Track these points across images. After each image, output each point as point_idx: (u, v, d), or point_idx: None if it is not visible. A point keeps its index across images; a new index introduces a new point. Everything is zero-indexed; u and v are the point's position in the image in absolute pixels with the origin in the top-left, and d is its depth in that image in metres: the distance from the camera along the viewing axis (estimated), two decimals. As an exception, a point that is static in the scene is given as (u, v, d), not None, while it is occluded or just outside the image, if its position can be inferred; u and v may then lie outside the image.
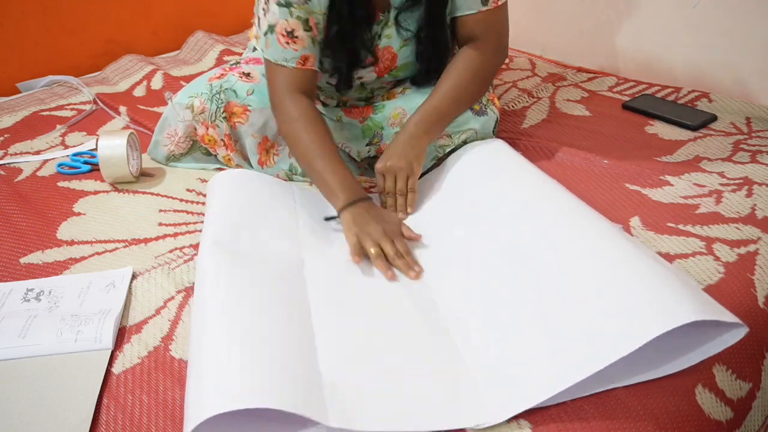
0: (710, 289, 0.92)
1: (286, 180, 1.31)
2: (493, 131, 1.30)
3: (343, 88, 1.28)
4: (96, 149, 1.29)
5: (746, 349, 0.85)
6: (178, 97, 1.33)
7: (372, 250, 1.01)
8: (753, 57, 1.49)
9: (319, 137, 1.16)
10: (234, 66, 1.36)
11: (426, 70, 1.29)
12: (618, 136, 1.40)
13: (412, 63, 1.28)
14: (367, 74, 1.28)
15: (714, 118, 1.44)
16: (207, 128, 1.31)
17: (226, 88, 1.29)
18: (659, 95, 1.59)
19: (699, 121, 1.42)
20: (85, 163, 1.38)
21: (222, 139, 1.32)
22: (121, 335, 0.91)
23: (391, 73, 1.30)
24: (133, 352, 0.88)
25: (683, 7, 1.57)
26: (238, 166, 1.34)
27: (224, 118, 1.29)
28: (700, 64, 1.59)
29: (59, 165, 1.37)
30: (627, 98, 1.59)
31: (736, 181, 1.19)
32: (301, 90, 1.19)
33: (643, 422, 0.74)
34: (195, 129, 1.34)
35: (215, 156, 1.38)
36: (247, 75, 1.32)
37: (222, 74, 1.33)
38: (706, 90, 1.57)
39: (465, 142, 1.26)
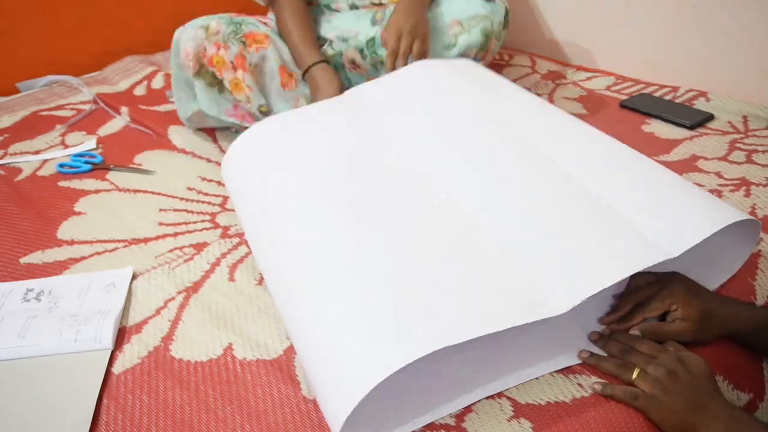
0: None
1: (305, 104, 1.40)
2: (504, 22, 1.37)
3: None
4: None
5: (744, 361, 0.86)
6: (192, 22, 1.37)
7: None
8: (752, 56, 1.49)
9: (295, 19, 1.39)
10: None
11: None
12: (615, 134, 1.39)
13: None
14: None
15: (711, 117, 1.45)
16: (218, 48, 1.34)
17: (247, 21, 1.37)
18: (657, 94, 1.59)
19: (696, 120, 1.42)
20: (86, 163, 1.38)
21: (231, 61, 1.34)
22: (121, 335, 0.91)
23: None
24: (133, 353, 0.89)
25: (683, 6, 1.57)
26: (248, 87, 1.37)
27: (242, 42, 1.34)
28: (699, 63, 1.59)
29: (60, 165, 1.38)
30: (625, 97, 1.59)
31: (734, 182, 1.19)
32: None
33: (642, 425, 0.75)
34: (205, 49, 1.35)
35: (219, 90, 1.39)
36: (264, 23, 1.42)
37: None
38: (704, 89, 1.58)
39: (483, 34, 1.31)
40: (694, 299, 0.81)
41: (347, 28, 1.45)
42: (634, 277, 0.87)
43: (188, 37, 1.35)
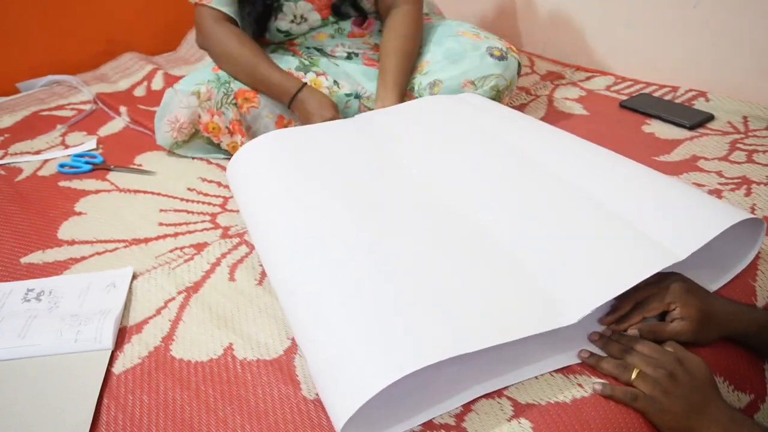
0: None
1: None
2: (518, 74, 1.38)
3: (259, 36, 1.42)
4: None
5: (745, 362, 0.86)
6: (181, 85, 1.35)
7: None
8: (752, 56, 1.49)
9: (252, 49, 1.33)
10: None
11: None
12: (615, 135, 1.41)
13: None
14: (310, 14, 1.39)
15: (711, 118, 1.45)
16: (212, 116, 1.34)
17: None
18: (657, 94, 1.59)
19: (696, 120, 1.42)
20: (87, 163, 1.38)
21: (227, 127, 1.35)
22: (122, 335, 0.92)
23: (333, 15, 1.42)
24: (133, 352, 0.89)
25: (683, 7, 1.57)
26: None
27: (234, 104, 1.33)
28: (699, 63, 1.59)
29: (60, 165, 1.38)
30: (624, 97, 1.59)
31: (734, 181, 1.19)
32: (227, 21, 1.36)
33: (642, 425, 0.75)
34: (199, 116, 1.35)
35: (216, 146, 1.40)
36: None
37: None
38: (704, 89, 1.58)
39: (494, 91, 1.33)
40: (693, 299, 0.82)
41: (359, 82, 1.42)
42: None
43: (180, 104, 1.34)
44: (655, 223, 0.85)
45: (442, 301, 0.77)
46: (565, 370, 0.80)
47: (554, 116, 1.52)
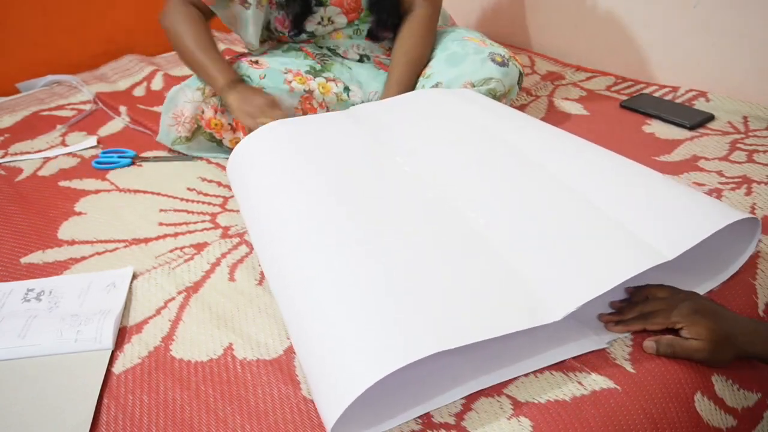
0: (711, 295, 0.92)
1: None
2: (518, 84, 1.39)
3: (296, 36, 1.44)
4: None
5: (750, 361, 0.86)
6: (189, 80, 1.36)
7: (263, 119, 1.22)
8: (752, 56, 1.49)
9: (199, 34, 1.32)
10: (241, 56, 1.41)
11: (378, 21, 1.44)
12: (615, 135, 1.41)
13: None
14: (337, 17, 1.40)
15: (711, 118, 1.45)
16: (215, 112, 1.34)
17: (241, 75, 1.33)
18: (657, 94, 1.59)
19: (696, 121, 1.42)
20: (120, 157, 1.40)
21: (230, 123, 1.35)
22: (122, 335, 0.91)
23: (361, 18, 1.43)
24: (133, 352, 0.89)
25: (683, 7, 1.57)
26: None
27: None
28: (699, 63, 1.60)
29: (96, 162, 1.39)
30: (625, 97, 1.59)
31: (735, 180, 1.19)
32: (193, 6, 1.35)
33: (641, 424, 0.75)
34: (202, 111, 1.35)
35: (218, 143, 1.40)
36: (256, 62, 1.37)
37: (232, 62, 1.37)
38: (704, 89, 1.58)
39: (490, 94, 1.34)
40: (702, 320, 0.80)
41: (371, 88, 1.44)
42: (651, 287, 0.88)
43: (185, 99, 1.35)
44: (647, 223, 0.85)
45: (431, 297, 0.77)
46: (565, 368, 0.81)
47: (554, 116, 1.52)
